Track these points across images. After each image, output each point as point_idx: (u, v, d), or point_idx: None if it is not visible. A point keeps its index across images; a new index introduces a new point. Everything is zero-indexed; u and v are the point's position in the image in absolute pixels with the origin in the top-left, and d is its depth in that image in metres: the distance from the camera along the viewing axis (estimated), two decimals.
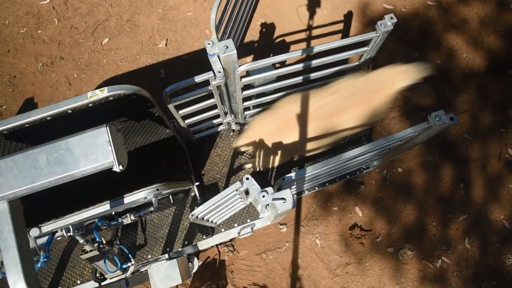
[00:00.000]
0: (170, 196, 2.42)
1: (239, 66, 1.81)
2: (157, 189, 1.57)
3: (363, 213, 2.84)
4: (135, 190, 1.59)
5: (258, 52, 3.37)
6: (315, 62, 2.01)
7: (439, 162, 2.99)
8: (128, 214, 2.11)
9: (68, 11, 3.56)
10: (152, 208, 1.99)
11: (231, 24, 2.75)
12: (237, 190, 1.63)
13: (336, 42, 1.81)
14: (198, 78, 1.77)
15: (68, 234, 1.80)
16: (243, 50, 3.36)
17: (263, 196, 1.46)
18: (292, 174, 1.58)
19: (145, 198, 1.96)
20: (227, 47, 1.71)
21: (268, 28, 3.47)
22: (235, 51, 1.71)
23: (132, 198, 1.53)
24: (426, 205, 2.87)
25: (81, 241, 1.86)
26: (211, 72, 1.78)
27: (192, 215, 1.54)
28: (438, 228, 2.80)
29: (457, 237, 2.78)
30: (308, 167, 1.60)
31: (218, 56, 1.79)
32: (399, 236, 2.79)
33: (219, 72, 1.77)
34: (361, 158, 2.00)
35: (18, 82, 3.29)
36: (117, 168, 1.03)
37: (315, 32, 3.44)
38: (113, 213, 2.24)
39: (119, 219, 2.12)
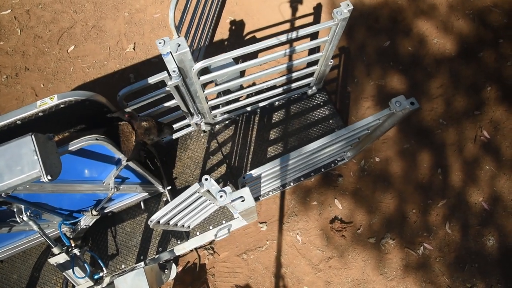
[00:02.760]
0: (142, 203, 2.35)
1: (195, 64, 1.76)
2: (96, 139, 1.48)
3: (343, 205, 2.81)
4: None
5: (228, 51, 3.30)
6: (277, 55, 1.97)
7: (416, 149, 2.98)
8: (89, 209, 2.03)
9: (31, 20, 3.45)
10: (109, 194, 1.91)
11: (195, 23, 2.69)
12: (198, 192, 1.57)
13: (294, 33, 1.77)
14: (152, 79, 1.71)
15: (21, 217, 1.69)
16: (213, 49, 3.30)
17: (221, 196, 1.41)
18: (253, 172, 1.53)
19: (103, 182, 1.89)
20: (179, 45, 1.66)
21: (237, 26, 3.42)
22: (188, 49, 1.65)
23: (76, 144, 1.42)
24: (405, 193, 2.85)
25: (34, 227, 1.75)
26: (165, 72, 1.72)
27: (150, 221, 1.48)
28: (418, 215, 2.79)
29: (438, 222, 2.77)
30: (269, 162, 1.56)
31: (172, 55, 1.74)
32: (380, 226, 2.76)
33: (174, 71, 1.72)
34: (330, 150, 1.97)
35: None
36: (44, 178, 0.97)
37: (284, 27, 3.40)
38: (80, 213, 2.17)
39: (82, 213, 2.06)
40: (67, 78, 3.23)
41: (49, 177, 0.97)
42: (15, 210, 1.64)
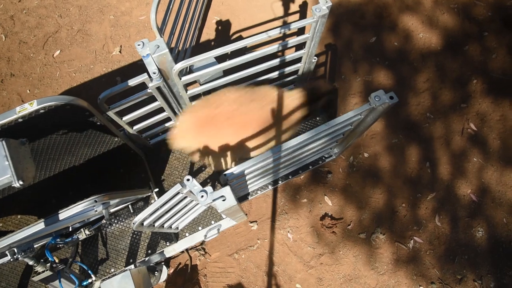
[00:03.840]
0: (130, 206, 2.35)
1: (175, 64, 1.75)
2: (95, 201, 1.50)
3: (333, 202, 2.82)
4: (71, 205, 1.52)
5: None
6: (259, 53, 1.97)
7: (404, 143, 3.00)
8: (82, 229, 2.03)
9: (16, 26, 3.43)
10: (104, 221, 1.92)
11: (179, 24, 2.68)
12: (180, 193, 1.57)
13: (272, 31, 1.77)
14: (132, 82, 1.71)
15: (14, 257, 1.71)
16: (200, 49, 3.30)
17: (202, 196, 1.41)
18: (233, 169, 1.53)
19: (96, 211, 1.89)
20: (158, 47, 1.65)
21: (223, 26, 3.42)
22: (167, 50, 1.65)
23: (69, 213, 1.46)
24: (394, 187, 2.87)
25: (30, 263, 1.78)
26: (145, 74, 1.71)
27: (133, 223, 1.48)
28: (408, 209, 2.80)
29: (427, 216, 2.79)
30: (250, 159, 1.56)
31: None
32: (370, 221, 2.78)
33: (154, 73, 1.71)
34: (314, 147, 1.97)
35: None
36: (16, 184, 0.96)
37: (270, 25, 3.41)
38: (70, 229, 2.16)
39: (74, 235, 2.04)
40: (53, 83, 3.21)
41: (21, 182, 0.97)
42: (7, 253, 1.63)
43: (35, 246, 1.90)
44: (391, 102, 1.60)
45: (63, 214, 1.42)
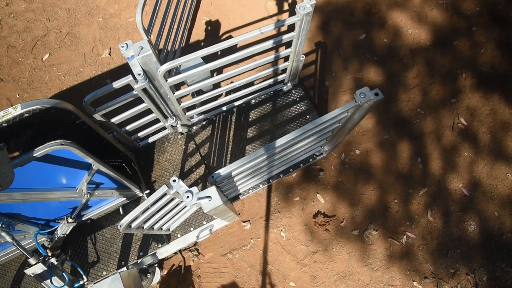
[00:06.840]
0: (120, 208, 2.34)
1: (161, 66, 1.75)
2: (61, 144, 1.51)
3: (325, 199, 2.82)
4: None
5: None
6: (245, 53, 1.97)
7: (395, 139, 3.01)
8: (64, 216, 2.02)
9: (3, 30, 3.40)
10: (84, 201, 1.91)
11: (167, 25, 2.68)
12: (168, 194, 1.57)
13: (255, 31, 1.77)
14: (117, 84, 1.70)
15: None
16: (190, 50, 3.28)
17: (188, 197, 1.41)
18: (221, 170, 1.53)
19: (76, 189, 1.89)
20: (142, 48, 1.65)
21: (213, 26, 3.41)
22: (151, 51, 1.65)
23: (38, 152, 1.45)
24: (386, 183, 2.88)
25: (7, 238, 1.74)
26: (130, 76, 1.71)
27: (120, 225, 1.47)
28: (400, 204, 2.81)
29: (420, 211, 2.80)
30: (237, 160, 1.56)
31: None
32: (363, 218, 2.78)
33: (139, 74, 1.71)
34: (303, 145, 1.97)
35: None
36: None
37: (259, 25, 3.40)
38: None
39: (57, 223, 2.05)
40: (43, 87, 3.19)
41: None
42: None
43: (17, 227, 1.88)
44: (376, 99, 1.61)
45: (34, 152, 1.41)
